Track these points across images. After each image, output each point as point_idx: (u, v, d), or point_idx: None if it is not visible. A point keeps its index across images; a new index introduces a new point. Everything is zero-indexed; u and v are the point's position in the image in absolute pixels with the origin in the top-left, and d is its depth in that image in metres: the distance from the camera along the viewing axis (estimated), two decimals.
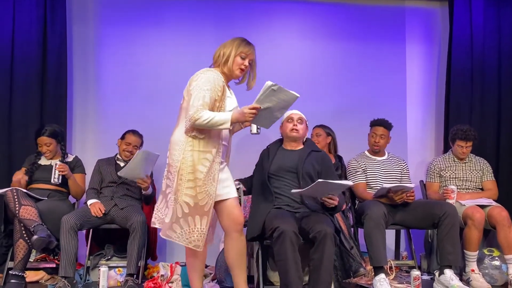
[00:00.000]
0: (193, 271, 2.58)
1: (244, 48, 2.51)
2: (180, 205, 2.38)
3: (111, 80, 3.96)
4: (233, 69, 2.50)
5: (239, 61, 2.50)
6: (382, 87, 4.19)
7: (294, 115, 2.91)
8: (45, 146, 3.28)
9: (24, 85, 3.68)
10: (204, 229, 2.39)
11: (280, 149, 2.94)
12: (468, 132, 3.45)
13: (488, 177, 3.54)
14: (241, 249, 2.57)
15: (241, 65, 2.51)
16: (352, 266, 2.96)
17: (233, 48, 2.50)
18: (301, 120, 2.91)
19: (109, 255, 3.31)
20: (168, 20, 4.03)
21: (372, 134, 3.46)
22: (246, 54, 2.51)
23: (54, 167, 3.14)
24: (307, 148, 2.91)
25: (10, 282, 2.81)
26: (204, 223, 2.39)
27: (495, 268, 3.16)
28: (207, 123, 2.34)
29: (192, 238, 2.39)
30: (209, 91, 2.38)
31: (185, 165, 2.39)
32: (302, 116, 2.94)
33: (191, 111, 2.35)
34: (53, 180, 3.14)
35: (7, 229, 3.11)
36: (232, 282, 2.92)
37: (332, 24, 4.19)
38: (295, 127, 2.87)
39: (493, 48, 4.08)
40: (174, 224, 2.39)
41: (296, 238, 2.45)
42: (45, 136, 3.27)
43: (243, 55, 2.51)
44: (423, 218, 3.08)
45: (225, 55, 2.50)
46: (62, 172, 3.16)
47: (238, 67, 2.51)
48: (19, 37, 3.69)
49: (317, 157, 2.88)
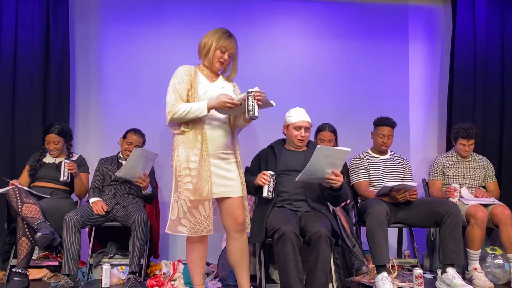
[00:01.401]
0: (193, 267, 2.58)
1: (224, 42, 2.53)
2: (184, 201, 2.41)
3: (113, 78, 3.97)
4: (213, 62, 2.55)
5: (218, 54, 2.54)
6: (384, 86, 4.18)
7: (303, 124, 2.86)
8: (53, 143, 3.31)
9: (26, 83, 3.69)
10: (209, 213, 2.43)
11: (284, 150, 2.93)
12: (470, 130, 3.44)
13: (492, 178, 3.56)
14: (243, 248, 2.58)
15: (220, 59, 2.55)
16: (354, 264, 2.96)
17: (213, 41, 2.54)
18: (308, 129, 2.89)
19: (112, 253, 3.32)
20: (171, 18, 4.03)
21: (379, 135, 3.42)
22: (226, 48, 2.54)
23: (63, 165, 3.17)
24: (311, 149, 2.86)
25: (13, 279, 2.82)
26: (207, 208, 2.42)
27: (497, 266, 3.15)
28: (186, 114, 2.40)
29: (202, 227, 2.42)
30: (177, 84, 2.47)
31: (180, 162, 2.44)
32: (310, 123, 2.91)
33: (167, 109, 2.45)
34: (62, 178, 3.16)
35: (10, 227, 3.12)
36: (234, 280, 2.93)
37: (334, 22, 4.19)
38: (303, 137, 2.86)
39: (496, 46, 4.06)
40: (183, 219, 2.42)
41: (297, 239, 2.44)
42: (54, 134, 3.31)
43: (223, 49, 2.54)
44: (426, 217, 3.08)
45: (206, 46, 2.55)
46: (71, 170, 3.18)
47: (217, 60, 2.55)
48: (22, 35, 3.70)
49: None
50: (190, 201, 2.41)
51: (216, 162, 2.49)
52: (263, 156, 2.94)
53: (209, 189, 2.43)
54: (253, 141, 3.81)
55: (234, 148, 2.63)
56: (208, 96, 2.48)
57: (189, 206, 2.41)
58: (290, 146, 2.94)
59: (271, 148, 2.97)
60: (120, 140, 3.47)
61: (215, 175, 2.48)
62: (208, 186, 2.43)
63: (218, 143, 2.51)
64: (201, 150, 2.43)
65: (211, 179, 2.45)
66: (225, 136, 2.54)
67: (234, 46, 2.57)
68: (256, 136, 3.88)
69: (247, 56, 3.98)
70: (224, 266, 3.15)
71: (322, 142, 3.46)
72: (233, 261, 2.61)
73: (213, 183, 2.46)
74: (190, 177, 2.41)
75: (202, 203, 2.42)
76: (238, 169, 2.61)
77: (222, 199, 2.54)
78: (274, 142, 3.03)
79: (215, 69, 2.59)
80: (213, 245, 3.53)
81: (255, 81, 3.89)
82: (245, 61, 3.94)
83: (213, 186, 2.46)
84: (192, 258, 2.56)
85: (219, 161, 2.50)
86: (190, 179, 2.41)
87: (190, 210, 2.41)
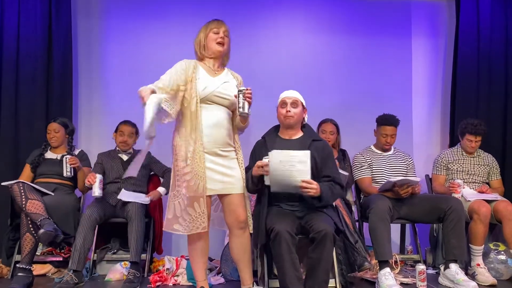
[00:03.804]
0: (195, 263, 2.59)
1: (212, 25, 2.56)
2: (182, 199, 2.44)
3: (116, 75, 3.97)
4: (211, 46, 2.54)
5: (213, 36, 2.54)
6: (388, 82, 4.17)
7: (287, 99, 2.63)
8: (53, 131, 3.37)
9: (29, 80, 3.70)
10: (204, 210, 2.43)
11: (278, 139, 2.68)
12: (479, 126, 3.43)
13: (497, 176, 3.55)
14: (245, 245, 2.58)
15: (217, 39, 2.53)
16: (357, 260, 2.95)
17: (202, 31, 2.57)
18: (295, 104, 2.63)
19: (115, 248, 3.34)
20: (173, 13, 4.03)
21: (382, 134, 3.41)
22: (218, 28, 2.54)
23: (65, 161, 3.21)
24: (307, 136, 2.68)
25: (18, 275, 2.83)
26: (202, 205, 2.42)
27: (500, 262, 3.15)
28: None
29: (197, 224, 2.43)
30: (167, 74, 2.47)
31: (177, 161, 2.48)
32: (296, 98, 2.64)
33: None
34: (65, 173, 3.21)
35: (14, 223, 3.14)
36: (237, 276, 2.94)
37: (338, 18, 4.18)
38: (289, 112, 2.61)
39: (500, 42, 4.04)
40: (180, 218, 2.44)
41: (292, 239, 2.37)
42: (56, 123, 3.39)
43: (215, 30, 2.55)
44: (429, 212, 3.07)
45: (201, 39, 2.57)
46: (74, 165, 3.22)
47: (214, 42, 2.53)
48: (24, 32, 3.71)
49: (318, 146, 2.61)
50: (186, 198, 2.42)
51: (213, 159, 2.48)
52: (257, 149, 2.72)
53: (204, 185, 2.42)
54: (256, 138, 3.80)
55: (235, 146, 2.61)
56: (208, 92, 2.46)
57: (186, 203, 2.42)
58: (284, 133, 2.70)
59: (263, 139, 2.75)
60: (113, 135, 3.51)
61: (213, 171, 2.47)
62: (202, 182, 2.42)
63: (216, 140, 2.48)
64: (195, 146, 2.42)
65: (207, 174, 2.44)
66: (224, 133, 2.51)
67: (224, 25, 2.58)
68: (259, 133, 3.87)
69: (250, 52, 3.99)
70: (227, 262, 3.16)
71: (324, 134, 3.47)
72: (235, 257, 2.61)
73: (211, 180, 2.45)
74: (186, 174, 2.43)
75: (197, 199, 2.42)
76: (240, 166, 2.59)
77: (223, 196, 2.54)
78: (268, 131, 2.79)
79: (216, 52, 2.54)
80: (216, 240, 3.55)
81: (258, 77, 3.92)
82: (248, 57, 3.96)
83: (212, 182, 2.46)
84: (193, 254, 2.57)
85: (216, 158, 2.49)
86: (185, 176, 2.43)
87: (186, 208, 2.42)
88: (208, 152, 2.46)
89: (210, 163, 2.46)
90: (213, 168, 2.47)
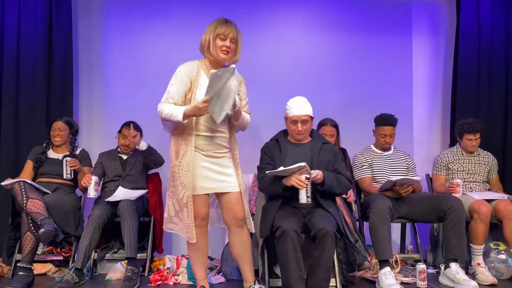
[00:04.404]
0: (195, 262, 2.60)
1: (221, 29, 2.44)
2: (176, 201, 2.46)
3: (116, 74, 3.97)
4: (217, 53, 2.46)
5: (219, 43, 2.45)
6: (388, 81, 4.17)
7: (298, 118, 2.71)
8: (58, 130, 3.37)
9: (30, 79, 3.70)
10: (187, 222, 2.42)
11: (289, 143, 2.81)
12: (475, 124, 3.43)
13: (495, 174, 3.56)
14: (245, 242, 2.59)
15: (222, 47, 2.44)
16: (356, 259, 2.96)
17: (211, 32, 2.47)
18: (305, 121, 2.73)
19: (116, 248, 3.34)
20: (174, 13, 4.03)
21: (381, 135, 3.41)
22: (225, 34, 2.44)
23: (65, 163, 3.21)
24: (317, 140, 2.83)
25: (18, 274, 2.84)
26: (186, 215, 2.43)
27: (501, 261, 3.14)
28: (165, 116, 2.41)
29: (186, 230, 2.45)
30: (174, 85, 2.44)
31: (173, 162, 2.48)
32: (306, 117, 2.72)
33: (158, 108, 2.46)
34: (65, 175, 3.22)
35: (14, 222, 3.14)
36: (237, 275, 2.94)
37: (338, 17, 4.17)
38: (300, 131, 2.73)
39: (501, 41, 4.03)
40: (175, 217, 2.48)
41: (298, 237, 2.40)
42: (62, 122, 3.39)
43: (222, 37, 2.44)
44: (429, 212, 3.07)
45: (207, 41, 2.48)
46: (73, 167, 3.22)
47: (220, 50, 2.45)
48: (24, 32, 3.71)
49: (328, 148, 2.81)
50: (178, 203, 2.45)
51: (208, 159, 2.49)
52: (271, 150, 2.81)
53: (189, 195, 2.41)
54: (257, 137, 3.80)
55: (231, 147, 2.61)
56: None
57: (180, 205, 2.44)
58: (292, 139, 2.84)
59: (275, 141, 2.85)
60: (116, 134, 3.51)
61: (208, 170, 2.48)
62: (187, 192, 2.41)
63: (210, 142, 2.49)
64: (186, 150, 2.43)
65: (202, 173, 2.45)
66: (218, 136, 2.52)
67: (233, 30, 2.46)
68: (260, 132, 3.88)
69: (251, 51, 3.97)
70: (227, 261, 3.16)
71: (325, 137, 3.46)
72: (236, 255, 2.62)
73: (207, 178, 2.47)
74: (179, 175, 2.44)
75: (185, 209, 2.43)
76: (235, 165, 2.59)
77: (221, 194, 2.55)
78: (277, 134, 2.91)
79: (220, 60, 2.48)
80: (216, 240, 3.56)
81: (258, 76, 3.92)
82: (249, 56, 3.92)
83: (208, 181, 2.47)
84: (193, 253, 2.58)
85: (211, 158, 2.50)
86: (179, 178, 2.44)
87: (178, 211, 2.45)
88: (203, 154, 2.48)
89: (205, 162, 2.48)
90: (208, 167, 2.49)
